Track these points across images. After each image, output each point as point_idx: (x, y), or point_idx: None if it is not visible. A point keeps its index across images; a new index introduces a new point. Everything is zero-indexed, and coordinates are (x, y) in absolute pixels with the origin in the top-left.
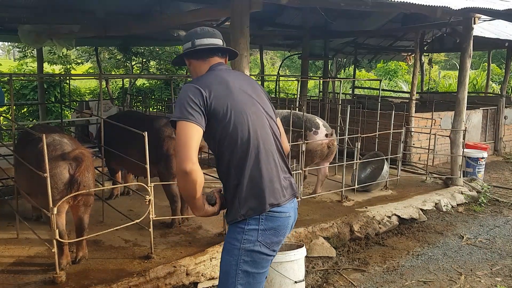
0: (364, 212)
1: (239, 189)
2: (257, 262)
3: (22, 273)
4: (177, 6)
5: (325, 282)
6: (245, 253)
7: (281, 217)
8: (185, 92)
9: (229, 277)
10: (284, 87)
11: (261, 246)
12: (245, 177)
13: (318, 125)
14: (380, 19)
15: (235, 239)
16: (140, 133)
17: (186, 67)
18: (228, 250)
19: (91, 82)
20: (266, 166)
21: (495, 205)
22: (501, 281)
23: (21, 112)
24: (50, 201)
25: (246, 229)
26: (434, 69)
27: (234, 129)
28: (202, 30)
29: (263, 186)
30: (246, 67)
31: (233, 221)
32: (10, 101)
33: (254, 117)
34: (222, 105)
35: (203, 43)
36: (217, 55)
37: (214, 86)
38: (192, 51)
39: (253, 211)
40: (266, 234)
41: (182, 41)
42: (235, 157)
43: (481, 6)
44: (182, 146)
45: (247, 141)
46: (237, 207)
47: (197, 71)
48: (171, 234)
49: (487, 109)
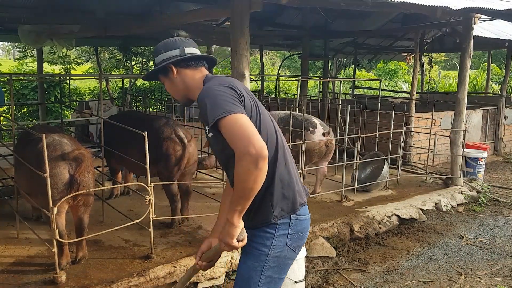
0: (364, 212)
1: (270, 190)
2: (281, 267)
3: (22, 273)
4: (177, 6)
5: (325, 282)
6: (272, 259)
7: (306, 219)
8: (219, 89)
9: (251, 283)
10: (284, 87)
11: (288, 250)
12: (276, 178)
13: (315, 124)
14: (380, 19)
15: (263, 245)
16: (140, 133)
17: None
18: (254, 256)
19: (91, 82)
20: (292, 166)
21: (495, 205)
22: (501, 281)
23: (21, 112)
24: (50, 201)
25: (276, 234)
26: (434, 69)
27: (264, 129)
28: (187, 40)
29: (292, 185)
30: (246, 67)
31: (263, 223)
32: (10, 101)
33: (273, 119)
34: (250, 103)
35: (192, 52)
36: (205, 66)
37: (237, 85)
38: (185, 58)
39: (286, 211)
40: (294, 238)
41: (161, 48)
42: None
43: (481, 6)
44: (246, 133)
45: (276, 141)
46: (270, 208)
47: (188, 81)
48: (171, 234)
49: (487, 109)
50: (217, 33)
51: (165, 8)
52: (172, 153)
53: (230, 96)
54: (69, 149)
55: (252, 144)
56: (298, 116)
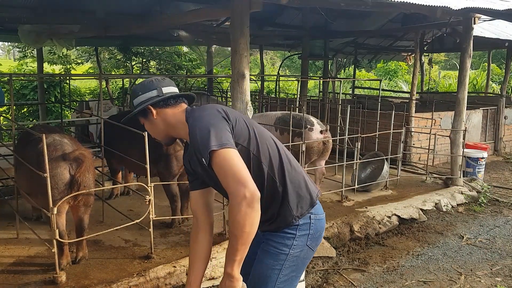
0: (364, 212)
1: (286, 195)
2: (299, 266)
3: (22, 273)
4: (177, 6)
5: (325, 282)
6: (292, 259)
7: (323, 218)
8: (210, 120)
9: (269, 281)
10: (284, 87)
11: (308, 250)
12: (288, 182)
13: (312, 123)
14: (380, 19)
15: (283, 245)
16: (140, 133)
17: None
18: (273, 255)
19: (91, 82)
20: (299, 167)
21: (495, 205)
22: (501, 281)
23: (21, 112)
24: (50, 201)
25: (297, 235)
26: (434, 69)
27: (262, 140)
28: (164, 79)
29: (303, 184)
30: (246, 67)
31: (284, 226)
32: (10, 101)
33: (265, 129)
34: (240, 122)
35: (171, 91)
36: (184, 102)
37: (225, 109)
38: (165, 98)
39: (305, 208)
40: (313, 238)
41: (138, 91)
42: (274, 166)
43: (481, 6)
44: (237, 173)
45: (276, 148)
46: (289, 211)
47: (169, 119)
48: (171, 234)
49: (487, 109)
50: (217, 33)
51: (165, 8)
52: (172, 153)
53: (223, 125)
54: (70, 149)
55: (244, 186)
56: (296, 115)
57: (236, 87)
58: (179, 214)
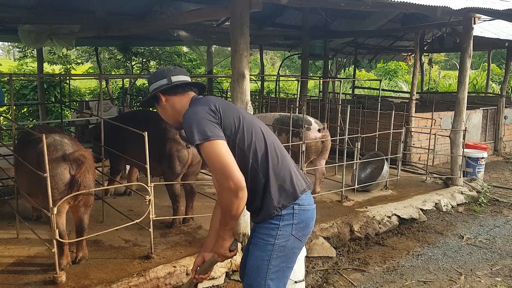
0: (364, 212)
1: (268, 184)
2: (289, 256)
3: (22, 273)
4: (177, 6)
5: (325, 282)
6: (278, 248)
7: (310, 209)
8: (196, 113)
9: (260, 272)
10: (284, 87)
11: (294, 240)
12: (271, 173)
13: (310, 122)
14: (380, 19)
15: (269, 235)
16: (140, 133)
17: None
18: (260, 246)
19: (91, 82)
20: (285, 161)
21: (495, 205)
22: (501, 281)
23: (21, 112)
24: (50, 201)
25: (281, 225)
26: (434, 69)
27: (249, 132)
28: (175, 69)
29: (289, 177)
30: (246, 67)
31: (268, 217)
32: (10, 101)
33: (261, 122)
34: (230, 115)
35: (179, 79)
36: (193, 90)
37: (215, 102)
38: (172, 86)
39: (288, 200)
40: (299, 228)
41: (152, 79)
42: (258, 157)
43: (481, 6)
44: (223, 165)
45: (263, 141)
46: (271, 201)
47: (176, 106)
48: (171, 234)
49: (487, 109)
50: (217, 33)
51: (165, 8)
52: (176, 153)
53: (207, 117)
54: (70, 149)
55: (230, 178)
56: (293, 116)
57: (236, 87)
58: (179, 215)
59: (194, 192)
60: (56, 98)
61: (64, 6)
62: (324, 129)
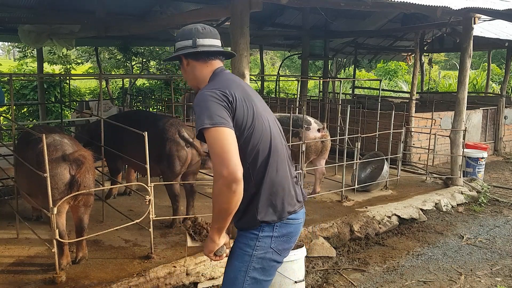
0: (364, 212)
1: (257, 197)
2: (267, 269)
3: (22, 273)
4: (177, 6)
5: (325, 282)
6: (256, 260)
7: (295, 223)
8: (208, 97)
9: (236, 283)
10: (284, 87)
11: (273, 253)
12: (264, 185)
13: (309, 122)
14: (380, 19)
15: (247, 245)
16: (140, 133)
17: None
18: (238, 256)
19: (91, 82)
20: (283, 173)
21: (495, 205)
22: (501, 281)
23: (21, 112)
24: (50, 201)
25: (260, 236)
26: (434, 69)
27: (257, 135)
28: (204, 29)
29: (281, 194)
30: (246, 67)
31: (247, 228)
32: (10, 101)
33: (272, 123)
34: (245, 107)
35: (205, 43)
36: (219, 58)
37: (234, 90)
38: (195, 52)
39: (272, 219)
40: (279, 241)
41: (178, 36)
42: (257, 162)
43: (481, 6)
44: (224, 152)
45: (268, 148)
46: (254, 214)
47: (196, 72)
48: (171, 234)
49: (487, 109)
50: None
51: (165, 8)
52: (175, 153)
53: (220, 103)
54: (70, 149)
55: (225, 166)
56: (293, 116)
57: None
58: (179, 214)
59: (194, 191)
60: (56, 98)
61: (64, 6)
62: (323, 129)
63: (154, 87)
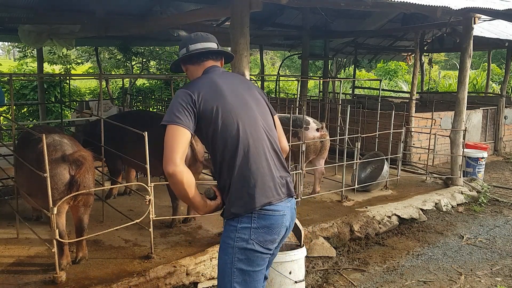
0: (364, 212)
1: (229, 188)
2: (252, 260)
3: (22, 273)
4: (177, 6)
5: (325, 282)
6: (239, 251)
7: (274, 215)
8: (176, 97)
9: (225, 276)
10: (284, 87)
11: (254, 244)
12: (235, 177)
13: (308, 122)
14: (380, 19)
15: (229, 238)
16: (140, 133)
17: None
18: (223, 249)
19: (91, 82)
20: (256, 165)
21: (495, 205)
22: (501, 281)
23: (21, 112)
24: (50, 201)
25: (238, 227)
26: (434, 69)
27: (223, 129)
28: (195, 36)
29: (252, 185)
30: (246, 67)
31: (226, 217)
32: (10, 101)
33: (246, 118)
34: (211, 106)
35: (196, 48)
36: (211, 59)
37: (203, 89)
38: (187, 56)
39: (243, 210)
40: (258, 232)
41: (179, 47)
42: (226, 157)
43: (481, 6)
44: (168, 149)
45: (236, 141)
46: (228, 206)
47: (193, 75)
48: (171, 234)
49: (487, 109)
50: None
51: (165, 8)
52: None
53: (180, 105)
54: (70, 149)
55: (170, 165)
56: (291, 117)
57: None
58: (179, 214)
59: None
60: (56, 98)
61: (64, 6)
62: (322, 128)
63: (154, 87)
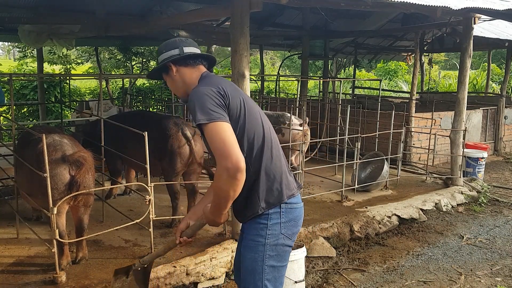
0: (364, 212)
1: (257, 183)
2: (281, 255)
3: (22, 273)
4: (177, 6)
5: (325, 282)
6: (270, 248)
7: (298, 207)
8: (201, 95)
9: (255, 274)
10: (284, 87)
11: (284, 238)
12: (262, 172)
13: (289, 118)
14: (380, 19)
15: (259, 236)
16: (140, 132)
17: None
18: (252, 248)
19: (91, 82)
20: (279, 159)
21: (495, 205)
22: (501, 281)
23: (21, 112)
24: (50, 201)
25: (269, 224)
26: (434, 69)
27: (250, 125)
28: (187, 40)
29: (279, 179)
30: (246, 67)
31: (252, 216)
32: (10, 101)
33: (263, 116)
34: (237, 102)
35: (191, 50)
36: (203, 64)
37: (224, 84)
38: (182, 57)
39: (273, 203)
40: (288, 226)
41: (163, 49)
42: (252, 153)
43: (481, 6)
44: (224, 146)
45: (262, 137)
46: (257, 201)
47: (185, 78)
48: (171, 234)
49: (487, 109)
50: (217, 33)
51: (165, 8)
52: (177, 150)
53: (214, 99)
54: (70, 149)
55: (229, 159)
56: (273, 114)
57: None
58: (179, 214)
59: (196, 191)
60: (56, 98)
61: (64, 6)
62: (305, 123)
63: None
